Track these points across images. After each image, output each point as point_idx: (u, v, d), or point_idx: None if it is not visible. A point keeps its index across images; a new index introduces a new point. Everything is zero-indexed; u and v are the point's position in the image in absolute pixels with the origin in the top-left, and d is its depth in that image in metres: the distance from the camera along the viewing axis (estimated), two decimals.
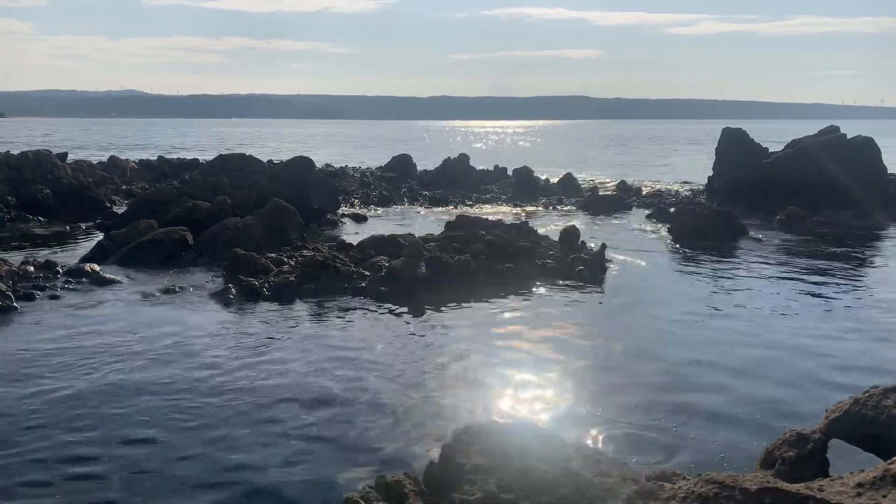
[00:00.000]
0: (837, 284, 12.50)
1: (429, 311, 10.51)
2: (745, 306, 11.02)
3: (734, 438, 6.35)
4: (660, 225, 19.14)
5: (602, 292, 11.95)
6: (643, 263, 14.27)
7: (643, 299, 11.48)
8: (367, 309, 10.67)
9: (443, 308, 10.67)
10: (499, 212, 22.20)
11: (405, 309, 10.62)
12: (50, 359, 8.23)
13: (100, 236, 15.68)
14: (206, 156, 35.98)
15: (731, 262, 14.50)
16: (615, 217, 21.41)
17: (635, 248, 15.85)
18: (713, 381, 7.81)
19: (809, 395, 7.34)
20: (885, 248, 16.56)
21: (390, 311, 10.55)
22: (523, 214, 21.60)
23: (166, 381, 7.62)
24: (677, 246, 16.36)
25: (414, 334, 9.51)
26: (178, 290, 11.43)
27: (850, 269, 13.95)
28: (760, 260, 14.65)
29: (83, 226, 18.64)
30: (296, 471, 5.70)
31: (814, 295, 11.74)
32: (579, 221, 19.40)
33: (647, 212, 21.90)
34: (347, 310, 10.63)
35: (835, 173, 22.02)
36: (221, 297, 11.08)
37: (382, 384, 7.61)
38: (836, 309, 10.88)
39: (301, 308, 10.71)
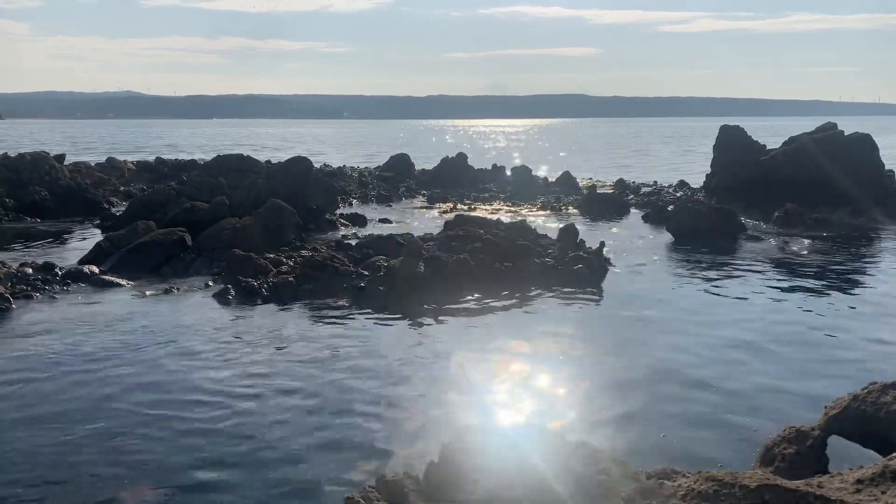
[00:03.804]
0: (836, 281, 12.52)
1: (427, 311, 10.51)
2: (743, 304, 11.03)
3: (733, 436, 6.37)
4: (658, 223, 19.15)
5: (601, 291, 11.95)
6: (642, 262, 14.28)
7: (642, 297, 11.49)
8: (365, 309, 10.67)
9: (442, 308, 10.67)
10: (497, 211, 22.21)
11: (404, 309, 10.62)
12: (47, 361, 8.23)
13: (98, 238, 15.68)
14: (204, 156, 35.94)
15: (729, 259, 14.51)
16: (614, 216, 21.41)
17: (634, 247, 15.87)
18: (713, 378, 7.82)
19: (808, 392, 7.35)
20: (883, 244, 16.59)
21: (389, 311, 10.54)
22: (522, 213, 21.60)
23: (164, 382, 7.62)
24: (676, 244, 16.37)
25: (413, 334, 9.51)
26: (176, 291, 11.43)
27: (849, 265, 13.97)
28: (758, 257, 14.67)
29: (81, 227, 18.62)
30: (297, 471, 5.71)
31: (812, 292, 11.76)
32: (578, 220, 19.42)
33: (645, 210, 21.92)
34: (346, 310, 10.63)
35: (832, 170, 22.02)
36: (220, 298, 11.08)
37: (382, 384, 7.62)
38: (835, 306, 10.90)
39: (300, 308, 10.71)
